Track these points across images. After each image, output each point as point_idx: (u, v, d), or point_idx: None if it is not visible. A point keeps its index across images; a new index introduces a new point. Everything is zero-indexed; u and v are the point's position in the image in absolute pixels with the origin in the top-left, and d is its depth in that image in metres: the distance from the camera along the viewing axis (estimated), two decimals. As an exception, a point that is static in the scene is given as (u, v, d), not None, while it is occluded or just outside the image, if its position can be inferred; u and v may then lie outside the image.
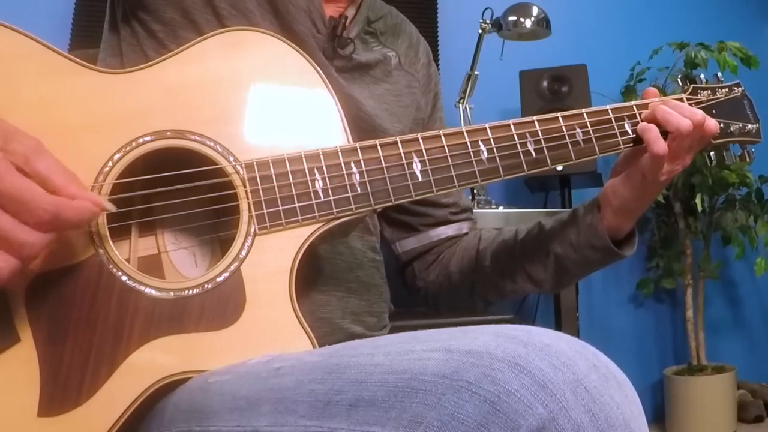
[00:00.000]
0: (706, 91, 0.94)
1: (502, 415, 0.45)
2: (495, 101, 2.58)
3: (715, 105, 0.93)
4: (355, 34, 0.92)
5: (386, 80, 0.96)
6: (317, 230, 0.73)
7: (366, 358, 0.54)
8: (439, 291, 1.04)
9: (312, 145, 0.75)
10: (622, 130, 0.86)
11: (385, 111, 0.93)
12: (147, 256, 0.75)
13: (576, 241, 0.92)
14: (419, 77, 1.02)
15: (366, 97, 0.91)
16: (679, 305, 2.89)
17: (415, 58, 1.03)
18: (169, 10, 0.84)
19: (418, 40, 1.05)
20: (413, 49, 1.03)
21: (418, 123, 1.00)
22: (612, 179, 0.91)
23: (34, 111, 0.69)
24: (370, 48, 0.96)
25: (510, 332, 0.50)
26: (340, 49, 0.90)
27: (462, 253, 1.02)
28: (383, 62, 0.96)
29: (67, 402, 0.63)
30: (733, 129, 0.93)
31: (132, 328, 0.66)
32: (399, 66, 0.98)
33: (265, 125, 0.75)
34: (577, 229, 0.92)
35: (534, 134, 0.82)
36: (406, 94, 0.98)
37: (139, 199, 0.73)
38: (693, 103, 0.92)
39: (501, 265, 0.98)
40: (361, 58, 0.93)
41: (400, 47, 1.00)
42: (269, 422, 0.56)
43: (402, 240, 1.05)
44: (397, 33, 1.02)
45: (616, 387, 0.49)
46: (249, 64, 0.77)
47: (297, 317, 0.70)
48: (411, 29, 1.06)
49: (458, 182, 0.78)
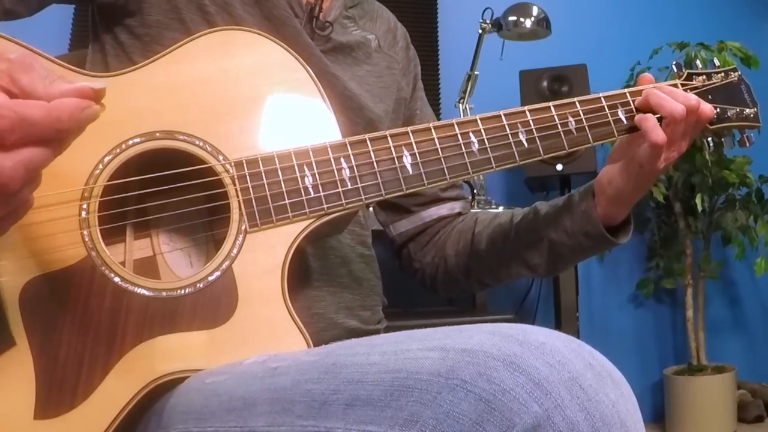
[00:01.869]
0: (702, 76, 0.93)
1: (497, 413, 0.45)
2: (495, 101, 2.57)
3: (711, 90, 0.92)
4: (333, 18, 0.93)
5: (367, 62, 0.97)
6: (308, 227, 0.73)
7: (362, 357, 0.54)
8: (435, 273, 1.05)
9: (302, 142, 0.75)
10: (616, 117, 0.86)
11: (367, 92, 0.93)
12: (142, 259, 0.75)
13: (570, 228, 0.92)
14: (399, 59, 1.03)
15: (348, 78, 0.91)
16: (679, 305, 2.89)
17: (393, 41, 1.04)
18: (154, 12, 0.84)
19: (395, 25, 1.07)
20: (391, 33, 1.05)
21: (400, 103, 1.01)
22: (607, 167, 0.90)
23: None
24: (349, 32, 0.97)
25: (505, 331, 0.50)
26: (319, 30, 0.90)
27: (458, 236, 1.02)
28: (364, 44, 0.97)
29: (62, 404, 0.63)
30: (731, 114, 0.92)
31: (125, 329, 0.66)
32: (379, 49, 0.99)
33: (255, 123, 0.75)
34: (572, 216, 0.92)
35: (525, 124, 0.82)
36: (386, 75, 0.99)
37: (133, 201, 0.73)
38: (688, 88, 0.91)
39: (496, 249, 0.98)
40: (341, 38, 0.93)
41: (378, 30, 1.02)
42: (266, 422, 0.56)
43: (395, 222, 1.06)
44: (374, 18, 1.03)
45: (612, 385, 0.49)
46: (237, 63, 0.77)
47: (290, 314, 0.70)
48: (388, 14, 1.07)
49: (449, 174, 0.78)
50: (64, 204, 0.67)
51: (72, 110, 0.53)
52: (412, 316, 1.71)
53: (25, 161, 0.51)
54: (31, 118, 0.51)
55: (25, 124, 0.51)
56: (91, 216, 0.68)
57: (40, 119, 0.51)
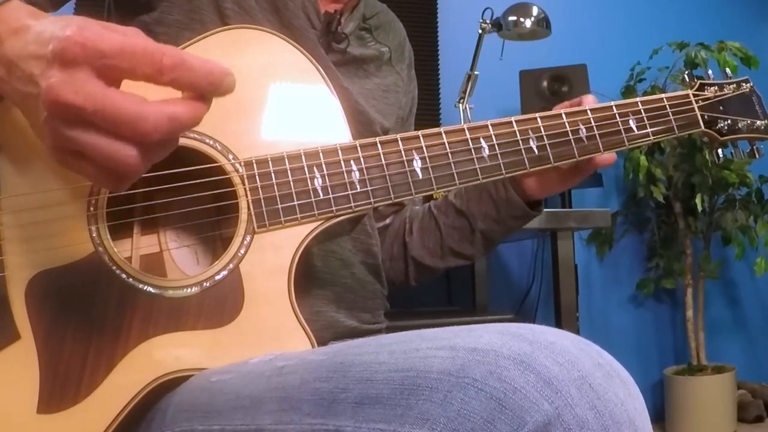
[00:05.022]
0: (714, 87, 0.93)
1: (508, 411, 0.45)
2: (495, 101, 2.58)
3: (723, 101, 0.92)
4: (351, 30, 0.93)
5: (377, 74, 0.97)
6: (316, 228, 0.73)
7: (371, 356, 0.54)
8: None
9: (312, 143, 0.75)
10: (627, 126, 0.86)
11: (373, 107, 0.94)
12: (149, 254, 0.75)
13: (497, 216, 0.99)
14: (403, 77, 1.04)
15: (357, 92, 0.91)
16: (679, 305, 2.90)
17: (401, 56, 1.05)
18: (175, 12, 0.83)
19: (405, 40, 1.07)
20: (401, 47, 1.05)
21: (398, 122, 1.02)
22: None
23: None
24: (365, 44, 0.97)
25: (515, 330, 0.50)
26: (335, 43, 0.90)
27: (390, 242, 1.06)
28: (378, 57, 0.97)
29: (66, 399, 0.63)
30: (741, 125, 0.92)
31: (130, 325, 0.66)
32: (389, 62, 1.00)
33: (266, 123, 0.75)
34: (496, 206, 0.98)
35: (536, 131, 0.82)
36: (392, 91, 1.00)
37: (141, 197, 0.73)
38: (700, 99, 0.91)
39: (429, 250, 1.04)
40: (355, 52, 0.93)
41: (392, 43, 1.02)
42: (273, 420, 0.56)
43: None
44: (388, 29, 1.03)
45: (620, 384, 0.49)
46: (249, 61, 0.76)
47: (296, 315, 0.70)
48: (400, 27, 1.08)
49: (459, 179, 0.78)
50: (73, 200, 0.67)
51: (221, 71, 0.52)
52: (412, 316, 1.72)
53: (169, 114, 0.51)
54: (189, 63, 0.51)
55: (183, 68, 0.51)
56: (99, 212, 0.68)
57: (197, 66, 0.51)
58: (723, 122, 0.92)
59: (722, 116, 0.90)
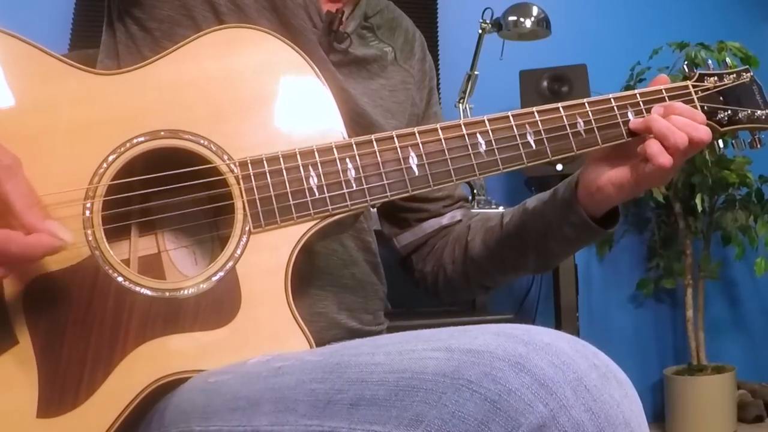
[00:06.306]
0: (713, 77, 0.91)
1: (502, 413, 0.45)
2: (495, 101, 2.56)
3: (723, 91, 0.90)
4: (352, 29, 0.92)
5: (382, 75, 0.96)
6: (312, 227, 0.73)
7: (367, 357, 0.54)
8: (436, 281, 1.04)
9: (308, 143, 0.74)
10: (626, 119, 0.84)
11: (379, 107, 0.93)
12: (147, 256, 0.75)
13: (553, 218, 0.89)
14: (414, 73, 1.01)
15: (361, 93, 0.91)
16: (679, 305, 2.89)
17: (410, 53, 1.02)
18: (166, 8, 0.83)
19: (414, 35, 1.05)
20: (409, 44, 1.03)
21: (413, 119, 1.00)
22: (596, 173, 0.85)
23: (27, 114, 0.69)
24: (367, 43, 0.96)
25: (510, 331, 0.50)
26: (337, 43, 0.90)
27: (453, 245, 1.02)
28: (380, 57, 0.96)
29: (65, 403, 0.63)
30: (742, 116, 0.90)
31: (128, 329, 0.66)
32: (395, 61, 0.98)
33: (260, 123, 0.75)
34: (554, 207, 0.89)
35: (534, 125, 0.81)
36: (401, 90, 0.98)
37: (138, 199, 0.73)
38: (699, 89, 0.89)
39: (490, 256, 0.97)
40: (357, 52, 0.92)
41: (396, 42, 1.00)
42: (270, 421, 0.56)
43: (399, 235, 1.05)
44: (394, 28, 1.01)
45: (616, 386, 0.49)
46: (243, 61, 0.76)
47: (293, 316, 0.70)
48: (407, 24, 1.05)
49: (456, 176, 0.77)
50: (68, 203, 0.67)
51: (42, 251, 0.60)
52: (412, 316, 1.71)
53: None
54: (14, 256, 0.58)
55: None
56: (95, 215, 0.68)
57: (15, 254, 0.58)
58: (723, 113, 0.89)
59: (722, 107, 0.88)
